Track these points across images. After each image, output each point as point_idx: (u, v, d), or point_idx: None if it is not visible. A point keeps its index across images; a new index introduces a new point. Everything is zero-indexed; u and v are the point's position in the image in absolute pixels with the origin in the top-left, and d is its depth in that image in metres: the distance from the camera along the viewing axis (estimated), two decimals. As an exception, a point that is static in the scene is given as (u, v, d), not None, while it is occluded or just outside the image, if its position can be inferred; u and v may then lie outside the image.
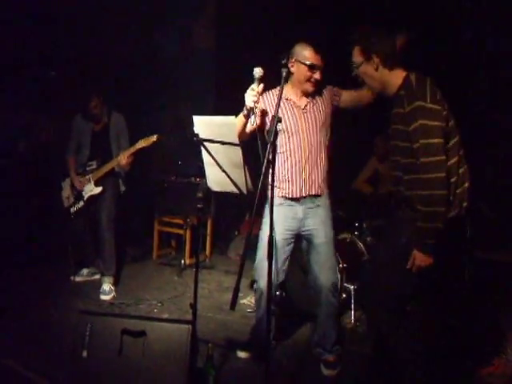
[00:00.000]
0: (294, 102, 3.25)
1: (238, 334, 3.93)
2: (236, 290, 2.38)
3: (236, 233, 6.34)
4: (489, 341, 3.84)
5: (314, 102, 3.28)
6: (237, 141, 2.77)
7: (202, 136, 2.83)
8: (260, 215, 3.35)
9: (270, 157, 2.57)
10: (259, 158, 3.31)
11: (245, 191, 2.94)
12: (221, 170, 2.89)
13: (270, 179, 2.65)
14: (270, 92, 3.30)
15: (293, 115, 3.22)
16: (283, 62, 2.84)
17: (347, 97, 3.35)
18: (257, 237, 3.41)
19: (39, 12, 5.52)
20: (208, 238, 5.97)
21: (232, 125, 2.76)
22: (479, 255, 4.59)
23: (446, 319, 4.01)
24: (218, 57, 6.71)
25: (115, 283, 4.72)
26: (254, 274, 3.51)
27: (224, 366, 3.38)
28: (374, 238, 4.69)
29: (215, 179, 2.99)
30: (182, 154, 5.96)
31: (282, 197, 3.26)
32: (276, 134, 2.60)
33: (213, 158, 2.87)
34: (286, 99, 3.24)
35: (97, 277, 4.87)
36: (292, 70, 3.17)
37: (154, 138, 4.48)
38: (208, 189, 3.10)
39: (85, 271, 4.97)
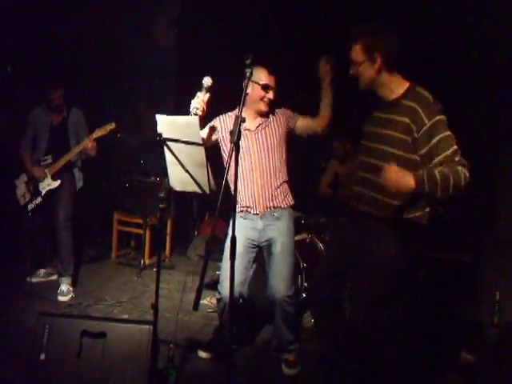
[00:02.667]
0: (245, 125, 3.29)
1: (199, 334, 3.93)
2: (199, 291, 2.38)
3: (196, 233, 6.32)
4: (447, 339, 3.94)
5: (267, 123, 3.36)
6: (200, 140, 2.76)
7: (165, 135, 2.81)
8: (222, 216, 3.36)
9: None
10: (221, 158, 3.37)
11: (207, 191, 2.93)
12: (183, 170, 2.88)
13: (232, 186, 2.67)
14: (227, 115, 3.40)
15: (244, 138, 3.28)
16: (247, 62, 2.84)
17: (301, 124, 3.42)
18: (218, 237, 3.44)
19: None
20: (168, 238, 5.94)
21: (195, 125, 2.75)
22: (434, 255, 4.70)
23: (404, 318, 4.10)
24: (178, 55, 6.67)
25: (73, 284, 4.64)
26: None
27: (185, 366, 3.37)
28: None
29: (178, 179, 2.97)
30: (143, 153, 5.91)
31: (241, 211, 3.34)
32: (239, 134, 2.59)
33: (176, 157, 2.85)
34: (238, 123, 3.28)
35: (54, 277, 4.79)
36: (248, 90, 3.17)
37: (112, 125, 4.46)
38: (170, 188, 3.07)
39: (42, 272, 4.86)
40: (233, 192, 2.66)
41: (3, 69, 5.42)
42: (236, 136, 2.56)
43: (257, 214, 3.33)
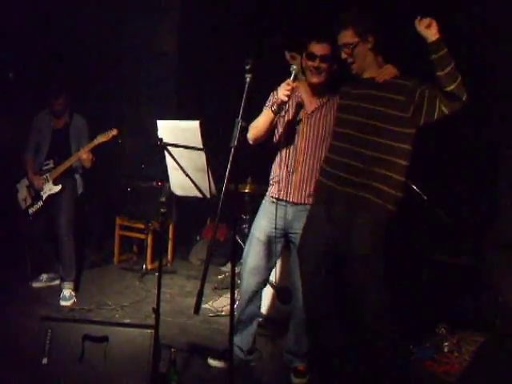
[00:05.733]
0: (303, 102, 3.19)
1: (200, 338, 3.93)
2: (200, 294, 2.37)
3: (198, 237, 6.33)
4: (445, 340, 3.94)
5: (324, 107, 3.18)
6: (200, 145, 2.78)
7: (166, 140, 2.84)
8: (222, 220, 3.37)
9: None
10: (222, 161, 3.38)
11: (208, 195, 2.95)
12: (184, 175, 2.90)
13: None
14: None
15: (297, 115, 3.18)
16: (247, 67, 2.85)
17: None
18: (219, 241, 3.44)
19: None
20: (170, 243, 5.94)
21: (196, 129, 2.77)
22: (436, 258, 4.70)
23: (404, 319, 4.11)
24: (180, 61, 6.69)
25: (75, 289, 4.65)
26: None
27: (187, 370, 3.37)
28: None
29: (179, 183, 2.99)
30: (145, 158, 5.92)
31: (272, 196, 3.28)
32: (239, 139, 2.59)
33: (177, 162, 2.87)
34: (297, 95, 3.19)
35: (56, 282, 4.78)
36: (303, 66, 3.15)
37: (114, 131, 4.46)
38: (171, 193, 3.09)
39: (44, 276, 4.86)
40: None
41: (5, 75, 5.46)
42: (235, 141, 2.56)
43: (288, 201, 3.22)
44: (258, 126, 3.17)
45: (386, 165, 2.81)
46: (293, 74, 2.93)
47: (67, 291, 4.48)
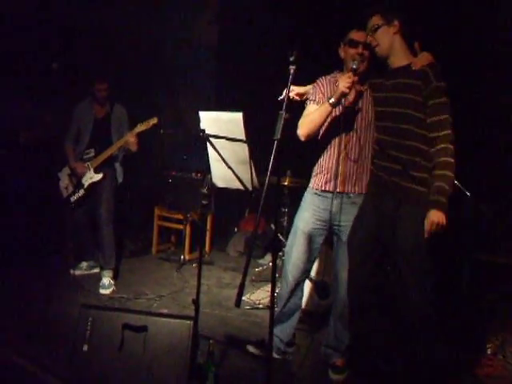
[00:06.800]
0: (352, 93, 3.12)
1: (238, 330, 3.93)
2: (241, 287, 2.35)
3: (235, 229, 6.33)
4: (488, 342, 3.85)
5: (365, 94, 3.15)
6: (243, 137, 2.75)
7: (208, 131, 2.82)
8: (264, 213, 3.34)
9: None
10: (265, 153, 3.34)
11: (250, 188, 2.92)
12: (226, 167, 2.88)
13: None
14: (326, 79, 3.27)
15: (339, 106, 3.12)
16: (291, 59, 2.81)
17: None
18: (259, 234, 3.42)
19: (41, 3, 5.51)
20: (208, 234, 5.96)
21: (239, 121, 2.74)
22: (479, 257, 4.60)
23: (445, 320, 4.02)
24: (219, 52, 6.70)
25: (115, 277, 4.71)
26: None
27: (224, 362, 3.37)
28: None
29: (220, 175, 2.97)
30: (185, 149, 5.95)
31: (317, 188, 3.25)
32: (283, 130, 2.55)
33: (219, 154, 2.86)
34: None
35: (96, 270, 4.86)
36: (342, 56, 3.15)
37: (154, 120, 4.49)
38: (212, 185, 3.08)
39: (84, 265, 4.94)
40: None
41: (49, 65, 5.54)
42: (279, 133, 2.52)
43: (333, 192, 3.16)
44: (312, 122, 3.10)
45: (423, 154, 2.82)
46: (354, 68, 2.93)
47: (107, 279, 4.54)
